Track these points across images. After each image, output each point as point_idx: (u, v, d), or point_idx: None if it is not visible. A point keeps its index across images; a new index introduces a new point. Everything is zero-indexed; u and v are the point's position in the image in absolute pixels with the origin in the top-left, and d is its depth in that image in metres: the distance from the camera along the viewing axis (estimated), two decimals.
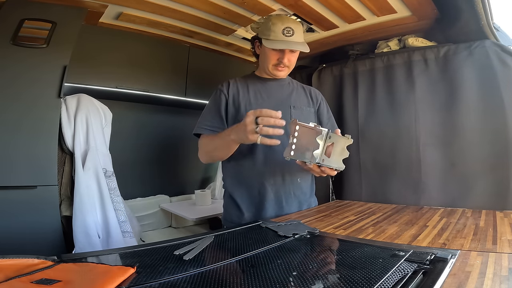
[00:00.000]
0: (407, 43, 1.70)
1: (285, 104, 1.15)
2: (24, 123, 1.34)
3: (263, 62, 1.16)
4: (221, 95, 1.14)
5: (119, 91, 1.89)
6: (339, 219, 1.09)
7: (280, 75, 1.15)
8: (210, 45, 2.05)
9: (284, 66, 1.11)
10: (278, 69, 1.12)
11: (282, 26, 1.05)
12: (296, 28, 1.06)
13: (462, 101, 1.49)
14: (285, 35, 1.04)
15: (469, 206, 1.30)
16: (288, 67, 1.13)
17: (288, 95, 1.19)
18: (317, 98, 1.26)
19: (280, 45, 1.05)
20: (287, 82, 1.23)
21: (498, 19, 1.49)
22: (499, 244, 0.72)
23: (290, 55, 1.10)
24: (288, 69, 1.14)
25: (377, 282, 0.45)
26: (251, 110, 0.86)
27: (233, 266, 0.54)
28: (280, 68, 1.12)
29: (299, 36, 1.08)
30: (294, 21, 1.09)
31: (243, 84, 1.18)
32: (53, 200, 1.42)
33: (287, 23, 1.06)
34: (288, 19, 1.08)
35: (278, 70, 1.13)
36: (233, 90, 1.15)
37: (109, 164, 1.66)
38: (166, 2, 1.45)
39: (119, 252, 0.65)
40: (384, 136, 1.73)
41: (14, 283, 0.44)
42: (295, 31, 1.06)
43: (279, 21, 1.06)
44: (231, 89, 1.15)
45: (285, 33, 1.04)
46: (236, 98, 1.14)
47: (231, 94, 1.14)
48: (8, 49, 1.30)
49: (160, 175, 2.46)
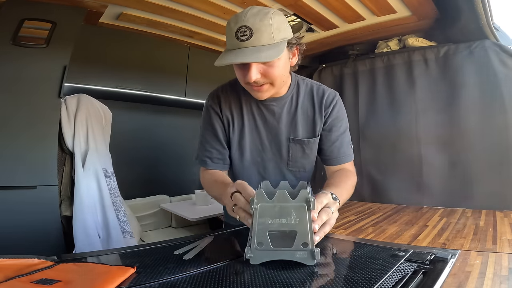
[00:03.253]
0: (407, 43, 1.71)
1: (284, 136, 0.89)
2: (24, 123, 1.34)
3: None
4: (214, 115, 0.90)
5: (119, 91, 1.89)
6: (339, 219, 1.08)
7: (261, 97, 0.80)
8: (210, 45, 2.05)
9: (259, 85, 0.75)
10: (253, 89, 0.77)
11: (235, 27, 0.68)
12: (255, 25, 0.67)
13: (462, 101, 1.49)
14: (240, 39, 0.68)
15: (469, 206, 1.30)
16: (269, 83, 0.76)
17: (289, 124, 0.89)
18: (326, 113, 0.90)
19: (229, 57, 0.69)
20: (289, 96, 0.88)
21: (498, 19, 1.49)
22: (499, 244, 0.72)
23: (263, 66, 0.72)
24: (271, 85, 0.77)
25: (377, 282, 0.45)
26: (238, 180, 0.64)
27: (233, 266, 0.54)
28: (256, 88, 0.76)
29: (265, 35, 0.68)
30: (256, 13, 0.69)
31: (236, 101, 0.90)
32: (53, 200, 1.42)
33: (241, 20, 0.68)
34: (245, 14, 0.69)
35: (256, 91, 0.77)
36: (225, 110, 0.90)
37: (109, 164, 1.66)
38: (166, 2, 1.45)
39: (119, 252, 0.65)
40: (384, 136, 1.73)
41: (14, 283, 0.44)
42: (255, 29, 0.67)
43: (233, 20, 0.70)
44: (224, 109, 0.90)
45: (240, 36, 0.68)
46: (229, 118, 0.90)
47: (224, 116, 0.90)
48: (8, 49, 1.30)
49: (160, 175, 2.46)
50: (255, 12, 0.69)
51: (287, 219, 0.53)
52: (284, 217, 0.53)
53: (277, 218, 0.53)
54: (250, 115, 0.90)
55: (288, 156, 0.90)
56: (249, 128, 0.90)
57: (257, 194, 0.54)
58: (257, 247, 0.53)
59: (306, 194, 0.53)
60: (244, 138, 0.90)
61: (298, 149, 0.90)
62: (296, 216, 0.53)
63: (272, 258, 0.53)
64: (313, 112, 0.90)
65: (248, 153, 0.91)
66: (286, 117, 0.89)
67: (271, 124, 0.89)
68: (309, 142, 0.90)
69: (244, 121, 0.89)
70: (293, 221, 0.53)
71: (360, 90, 1.83)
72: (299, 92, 0.90)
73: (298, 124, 0.89)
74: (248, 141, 0.90)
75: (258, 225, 0.53)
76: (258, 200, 0.53)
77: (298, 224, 0.53)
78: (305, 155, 0.91)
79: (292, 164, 0.91)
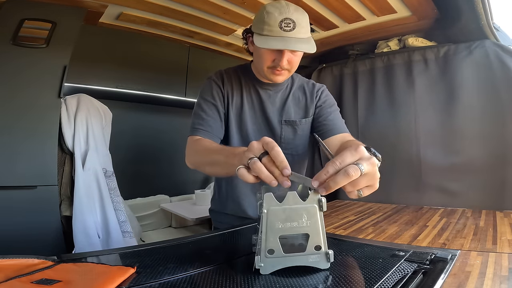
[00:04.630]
0: (407, 43, 1.71)
1: (277, 118, 0.97)
2: (24, 123, 1.34)
3: (256, 63, 0.93)
4: (215, 87, 0.95)
5: (119, 91, 1.89)
6: (339, 219, 1.09)
7: (277, 80, 0.90)
8: (210, 45, 2.05)
9: (282, 69, 0.86)
10: (275, 72, 0.87)
11: (280, 17, 0.79)
12: (298, 20, 0.80)
13: (462, 101, 1.49)
14: (284, 30, 0.79)
15: (469, 205, 1.30)
16: (288, 70, 0.88)
17: (282, 106, 0.98)
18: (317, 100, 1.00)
19: (275, 43, 0.80)
20: (285, 85, 1.00)
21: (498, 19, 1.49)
22: (499, 244, 0.72)
23: (291, 55, 0.84)
24: (289, 72, 0.89)
25: (377, 282, 0.45)
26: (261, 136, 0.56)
27: (233, 266, 0.54)
28: (277, 72, 0.87)
29: (303, 30, 0.81)
30: (296, 9, 0.82)
31: (237, 81, 0.98)
32: (53, 200, 1.42)
33: (286, 13, 0.80)
34: (288, 8, 0.81)
35: (275, 74, 0.88)
36: (227, 87, 0.96)
37: (109, 164, 1.66)
38: (166, 2, 1.45)
39: (119, 252, 0.65)
40: (384, 136, 1.73)
41: (14, 283, 0.44)
42: (297, 24, 0.80)
43: (275, 11, 0.80)
44: (226, 85, 0.96)
45: (284, 26, 0.79)
46: (230, 97, 0.96)
47: (225, 91, 0.96)
48: (8, 49, 1.30)
49: (160, 175, 2.46)
50: (295, 7, 0.82)
51: (298, 222, 0.50)
52: (295, 220, 0.50)
53: (287, 222, 0.50)
54: (248, 95, 0.98)
55: (280, 138, 0.97)
56: (247, 106, 0.97)
57: (266, 197, 0.50)
58: (268, 255, 0.49)
59: (317, 194, 0.50)
60: (242, 114, 0.96)
61: (290, 131, 0.98)
62: (307, 218, 0.50)
63: (284, 265, 0.50)
64: (305, 99, 1.01)
65: (246, 131, 0.96)
66: (279, 101, 0.99)
67: (266, 106, 0.97)
68: (301, 123, 0.98)
69: (243, 100, 0.97)
70: (305, 224, 0.50)
71: (360, 90, 1.83)
72: (294, 83, 1.02)
73: (291, 108, 0.98)
74: (246, 118, 0.96)
75: (267, 231, 0.49)
76: (267, 203, 0.50)
77: (310, 227, 0.50)
78: (297, 136, 0.98)
79: (285, 146, 0.97)
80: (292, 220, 0.50)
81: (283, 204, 0.50)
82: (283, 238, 0.50)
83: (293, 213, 0.50)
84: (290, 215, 0.50)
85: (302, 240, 0.51)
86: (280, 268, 0.50)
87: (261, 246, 0.49)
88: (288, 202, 0.50)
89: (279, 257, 0.49)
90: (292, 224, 0.50)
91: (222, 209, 1.08)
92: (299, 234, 0.51)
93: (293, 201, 0.50)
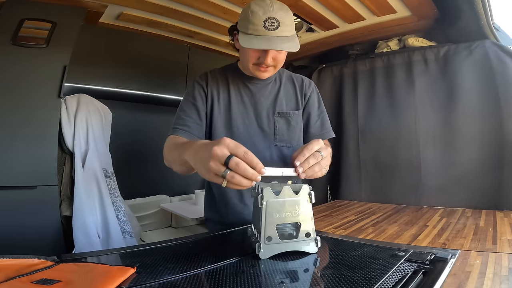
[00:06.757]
0: (407, 43, 1.71)
1: (269, 110, 0.98)
2: (24, 123, 1.34)
3: (242, 60, 0.95)
4: (197, 88, 0.96)
5: (119, 91, 1.88)
6: (339, 219, 1.09)
7: (263, 76, 0.91)
8: (210, 45, 2.05)
9: (267, 66, 0.88)
10: (260, 69, 0.89)
11: (264, 16, 0.80)
12: (282, 18, 0.81)
13: (462, 101, 1.49)
14: (268, 29, 0.80)
15: (468, 205, 1.30)
16: (274, 66, 0.89)
17: (274, 98, 1.00)
18: (306, 93, 1.04)
19: (258, 43, 0.81)
20: (273, 78, 1.01)
21: (498, 19, 1.49)
22: (499, 244, 0.72)
23: (275, 52, 0.86)
24: (274, 68, 0.90)
25: (377, 282, 0.45)
26: (228, 135, 0.67)
27: (233, 266, 0.54)
28: (263, 69, 0.88)
29: (287, 28, 0.82)
30: (280, 7, 0.83)
31: (223, 80, 0.99)
32: (53, 200, 1.42)
33: (270, 11, 0.80)
34: (272, 6, 0.81)
35: (261, 71, 0.89)
36: (211, 86, 0.97)
37: (109, 164, 1.66)
38: (166, 2, 1.45)
39: (119, 252, 0.65)
40: (384, 136, 1.73)
41: (14, 283, 0.44)
42: (281, 22, 0.80)
43: (260, 10, 0.81)
44: (210, 84, 0.97)
45: (268, 25, 0.80)
46: (215, 95, 0.96)
47: (209, 91, 0.96)
48: (8, 49, 1.30)
49: (160, 175, 2.45)
50: (279, 6, 0.82)
51: (292, 213, 0.59)
52: (289, 211, 0.58)
53: (283, 212, 0.58)
54: (236, 91, 0.98)
55: (274, 130, 0.97)
56: (235, 102, 0.97)
57: (265, 190, 0.58)
58: (266, 241, 0.57)
59: (308, 188, 0.60)
60: (231, 111, 0.96)
61: (284, 123, 0.99)
62: (299, 209, 0.59)
63: (280, 250, 0.58)
64: (294, 90, 1.03)
65: (235, 127, 0.95)
66: (270, 94, 1.00)
67: (257, 99, 0.98)
68: (294, 115, 1.00)
69: (230, 97, 0.97)
70: (297, 214, 0.59)
71: (360, 90, 1.83)
72: (282, 77, 1.03)
73: (282, 100, 1.00)
74: (235, 114, 0.95)
75: (266, 220, 0.57)
76: (266, 196, 0.58)
77: (301, 216, 0.59)
78: (291, 128, 0.98)
79: (279, 138, 0.97)
80: (287, 211, 0.59)
81: (279, 197, 0.58)
82: (279, 226, 0.59)
83: (288, 205, 0.59)
84: (285, 207, 0.59)
85: (291, 230, 0.61)
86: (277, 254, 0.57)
87: (260, 234, 0.58)
88: (284, 195, 0.59)
89: (276, 243, 0.58)
90: (287, 214, 0.59)
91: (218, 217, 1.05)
92: (290, 225, 0.61)
93: (288, 194, 0.59)
